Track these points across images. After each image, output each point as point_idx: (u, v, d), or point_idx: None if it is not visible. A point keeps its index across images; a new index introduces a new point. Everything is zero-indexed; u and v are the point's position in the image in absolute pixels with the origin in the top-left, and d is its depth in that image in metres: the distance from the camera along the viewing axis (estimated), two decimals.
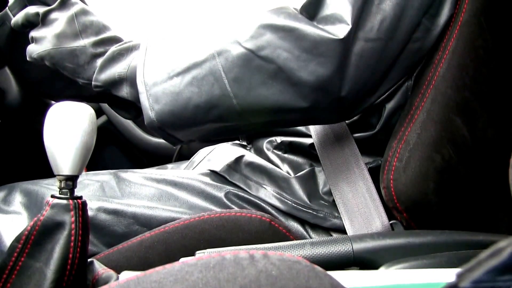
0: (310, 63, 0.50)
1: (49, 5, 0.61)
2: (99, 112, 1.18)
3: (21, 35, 0.65)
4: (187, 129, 0.55)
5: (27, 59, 0.62)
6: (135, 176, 0.65)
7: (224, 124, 0.55)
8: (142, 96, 0.54)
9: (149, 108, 0.53)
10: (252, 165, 0.66)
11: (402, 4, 0.51)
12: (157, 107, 0.53)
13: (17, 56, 0.66)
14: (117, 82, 0.58)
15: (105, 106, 1.16)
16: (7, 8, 0.65)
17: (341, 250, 0.46)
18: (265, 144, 0.72)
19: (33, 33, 0.61)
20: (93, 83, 0.60)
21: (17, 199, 0.62)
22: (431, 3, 0.52)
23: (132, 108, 0.69)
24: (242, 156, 0.69)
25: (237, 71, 0.51)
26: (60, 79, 0.63)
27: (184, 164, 0.90)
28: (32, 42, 0.62)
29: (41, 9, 0.60)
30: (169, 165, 0.94)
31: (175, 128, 0.55)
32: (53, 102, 0.87)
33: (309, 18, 0.53)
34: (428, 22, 0.52)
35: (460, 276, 0.22)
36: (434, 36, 0.53)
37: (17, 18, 0.62)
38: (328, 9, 0.52)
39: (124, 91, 0.59)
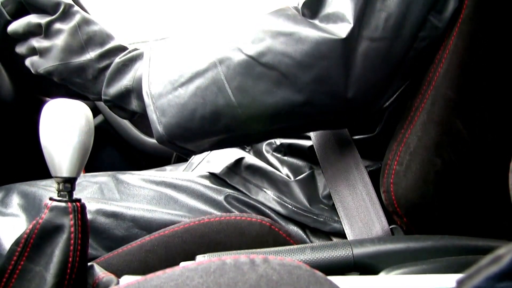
0: (313, 67, 0.49)
1: (47, 10, 0.60)
2: (95, 111, 1.17)
3: None
4: (197, 141, 0.55)
5: (32, 72, 0.61)
6: (133, 178, 0.65)
7: (233, 134, 0.54)
8: (149, 109, 0.53)
9: (157, 121, 0.53)
10: (252, 168, 0.66)
11: (407, 0, 0.49)
12: (164, 120, 0.52)
13: (10, 52, 0.64)
14: (124, 95, 0.58)
15: (101, 105, 1.15)
16: None
17: (341, 255, 0.46)
18: (264, 147, 0.72)
19: (36, 45, 0.59)
20: (102, 97, 0.59)
21: (15, 201, 0.62)
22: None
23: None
24: (242, 159, 0.69)
25: (240, 80, 0.50)
26: None
27: (183, 166, 0.89)
28: (35, 53, 0.60)
29: (43, 20, 0.58)
30: (168, 167, 0.93)
31: (185, 141, 0.54)
32: (47, 98, 0.87)
33: (311, 16, 0.52)
34: (434, 19, 0.51)
35: (460, 283, 0.22)
36: (440, 33, 0.51)
37: (17, 27, 0.60)
38: (330, 7, 0.51)
39: (133, 104, 0.58)
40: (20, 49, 0.62)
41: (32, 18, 0.60)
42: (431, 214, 0.54)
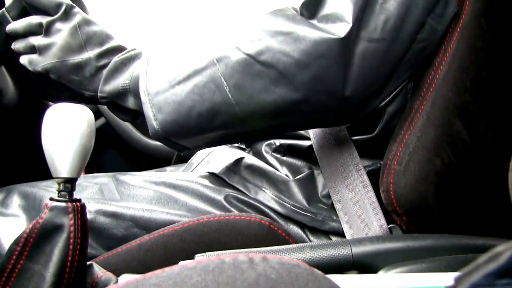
0: (311, 66, 0.49)
1: (48, 10, 0.60)
2: (97, 114, 1.18)
3: None
4: (192, 137, 0.55)
5: (30, 69, 0.61)
6: (134, 178, 0.65)
7: (229, 131, 0.54)
8: (145, 106, 0.54)
9: (153, 118, 0.53)
10: (251, 168, 0.66)
11: (407, 3, 0.50)
12: (160, 116, 0.53)
13: (14, 56, 0.65)
14: (121, 93, 0.58)
15: (103, 108, 1.16)
16: (4, 9, 0.64)
17: (340, 253, 0.46)
18: (263, 147, 0.72)
19: (36, 43, 0.60)
20: (99, 94, 0.60)
21: (15, 202, 0.62)
22: (436, 2, 0.51)
23: (130, 110, 0.69)
24: (241, 159, 0.69)
25: (238, 78, 0.50)
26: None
27: (183, 166, 0.90)
28: (34, 52, 0.61)
29: (44, 20, 0.59)
30: (168, 168, 0.93)
31: (180, 137, 0.55)
32: (50, 103, 0.87)
33: (310, 16, 0.53)
34: (433, 22, 0.51)
35: (458, 280, 0.22)
36: (439, 36, 0.52)
37: (16, 27, 0.61)
38: (328, 8, 0.51)
39: (130, 102, 0.59)
40: (17, 46, 0.62)
41: (33, 19, 0.60)
42: (431, 214, 0.54)
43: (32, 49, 0.61)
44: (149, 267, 0.55)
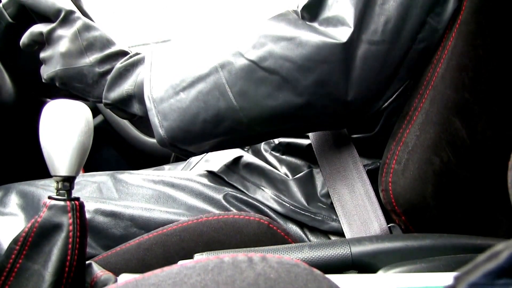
0: (314, 71, 0.49)
1: (49, 16, 0.60)
2: (95, 111, 1.17)
3: (15, 32, 0.64)
4: (198, 143, 0.55)
5: (42, 80, 0.62)
6: (132, 177, 0.65)
7: (234, 136, 0.54)
8: (150, 113, 0.54)
9: (159, 125, 0.53)
10: (250, 166, 0.66)
11: (406, 4, 0.50)
12: (166, 123, 0.53)
13: (11, 53, 0.65)
14: (126, 99, 0.58)
15: (101, 105, 1.15)
16: (1, 5, 0.64)
17: (340, 253, 0.46)
18: (262, 146, 0.72)
19: (42, 54, 0.60)
20: (103, 101, 0.60)
21: (13, 201, 0.62)
22: (435, 1, 0.50)
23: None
24: (240, 157, 0.69)
25: (242, 84, 0.50)
26: None
27: (181, 165, 0.89)
28: (43, 63, 0.61)
29: (44, 28, 0.59)
30: (166, 166, 0.93)
31: (186, 143, 0.55)
32: (48, 100, 0.87)
33: (311, 19, 0.52)
34: (433, 21, 0.51)
35: (457, 279, 0.22)
36: (439, 35, 0.52)
37: (24, 39, 0.61)
38: (330, 11, 0.51)
39: (135, 108, 0.59)
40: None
41: (35, 28, 0.60)
42: (430, 213, 0.54)
43: (42, 60, 0.61)
44: (148, 266, 0.55)
